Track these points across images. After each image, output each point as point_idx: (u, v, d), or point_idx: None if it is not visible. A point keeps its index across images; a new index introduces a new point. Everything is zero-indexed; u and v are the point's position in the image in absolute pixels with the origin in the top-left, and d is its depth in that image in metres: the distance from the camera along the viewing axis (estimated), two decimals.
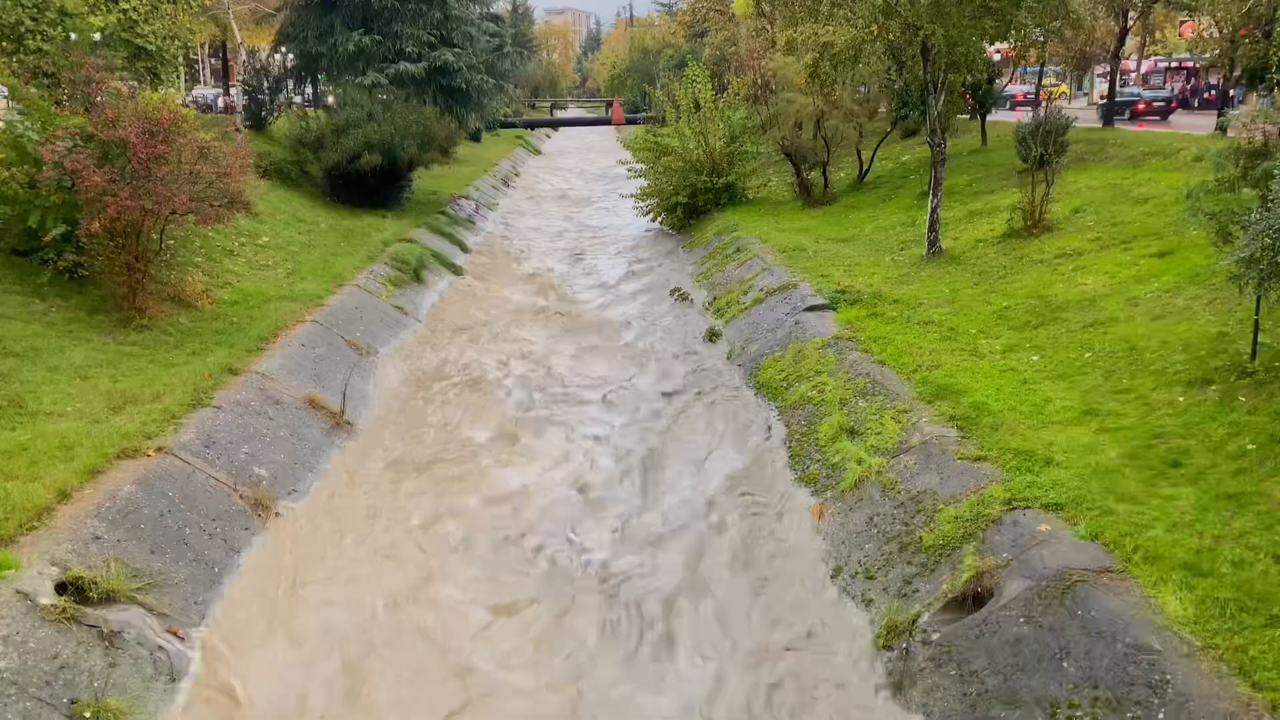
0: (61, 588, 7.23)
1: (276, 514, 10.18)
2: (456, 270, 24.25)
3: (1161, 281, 13.11)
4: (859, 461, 10.18)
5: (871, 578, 8.59)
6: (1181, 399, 9.72)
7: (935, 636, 7.36)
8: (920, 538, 8.46)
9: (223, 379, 12.05)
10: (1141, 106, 36.97)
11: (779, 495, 10.92)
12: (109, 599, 7.46)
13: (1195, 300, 12.08)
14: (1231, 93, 30.34)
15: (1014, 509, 8.06)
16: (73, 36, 17.15)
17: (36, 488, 8.25)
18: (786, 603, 8.96)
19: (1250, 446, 8.41)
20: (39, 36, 17.64)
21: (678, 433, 13.45)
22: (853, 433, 10.96)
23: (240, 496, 9.98)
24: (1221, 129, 18.93)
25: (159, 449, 9.73)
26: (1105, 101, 31.99)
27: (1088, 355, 11.52)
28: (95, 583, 7.41)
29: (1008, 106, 32.71)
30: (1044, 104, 35.83)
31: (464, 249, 27.34)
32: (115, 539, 8.17)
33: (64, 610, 6.95)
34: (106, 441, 9.44)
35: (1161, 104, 38.12)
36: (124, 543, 8.21)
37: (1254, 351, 9.75)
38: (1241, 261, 9.26)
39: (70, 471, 8.69)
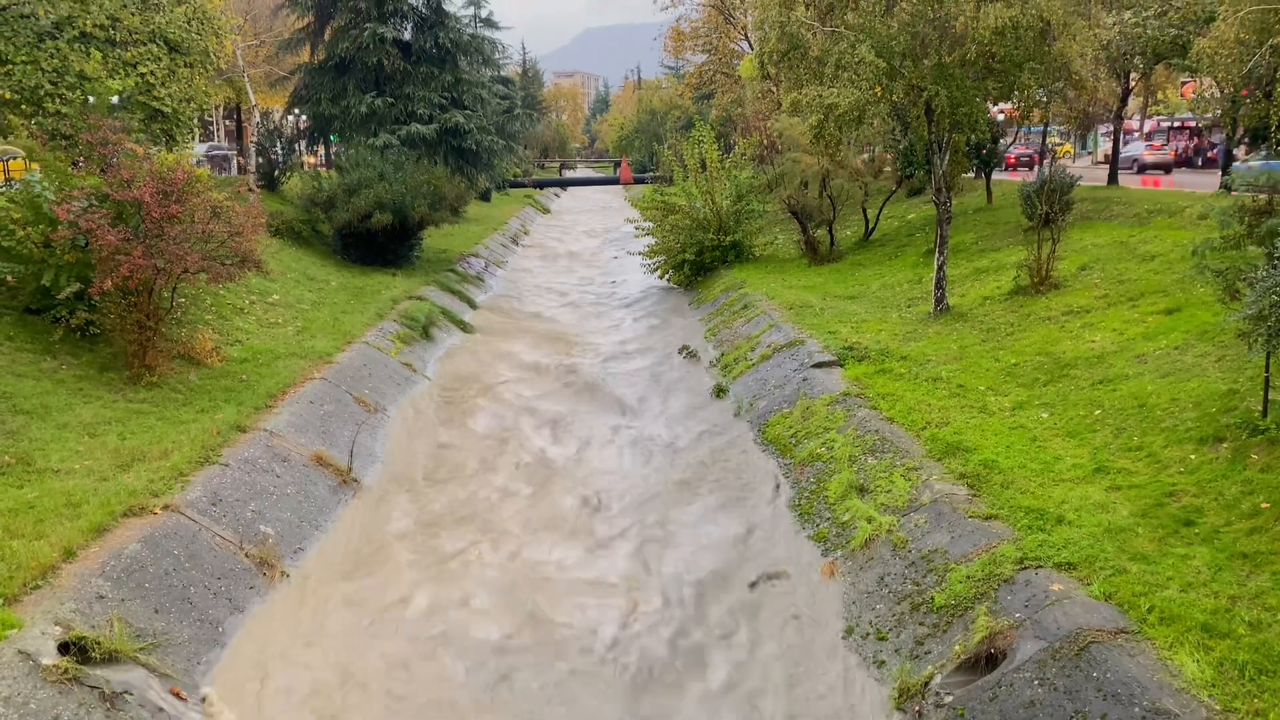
0: (64, 648, 7.17)
1: (282, 573, 10.12)
2: (465, 327, 24.37)
3: (1170, 338, 13.09)
4: (869, 520, 10.10)
5: (883, 638, 8.47)
6: (1193, 457, 9.65)
7: (949, 699, 7.22)
8: (932, 597, 8.36)
9: (231, 436, 12.06)
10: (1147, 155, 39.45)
11: (788, 554, 10.81)
12: (112, 659, 7.39)
13: (1204, 357, 12.04)
14: (1235, 151, 30.57)
15: (1026, 568, 7.96)
16: (91, 99, 17.49)
17: (42, 546, 8.23)
18: (798, 664, 8.82)
19: (1264, 505, 8.32)
20: (58, 100, 18.01)
21: (686, 489, 13.37)
22: (862, 490, 10.89)
23: (246, 555, 9.93)
24: (1226, 187, 19.06)
25: (165, 507, 9.71)
26: (1109, 160, 32.29)
27: (1097, 412, 11.47)
28: (98, 643, 7.34)
29: (1001, 167, 33.14)
30: (1049, 161, 36.17)
31: (473, 306, 27.50)
32: (119, 598, 8.12)
33: (66, 671, 6.88)
34: (113, 499, 9.43)
35: (1161, 169, 39.52)
36: (128, 602, 8.16)
37: (1265, 409, 9.69)
38: (1249, 318, 9.25)
39: (76, 529, 8.67)
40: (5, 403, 11.54)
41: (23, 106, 17.79)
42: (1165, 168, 39.95)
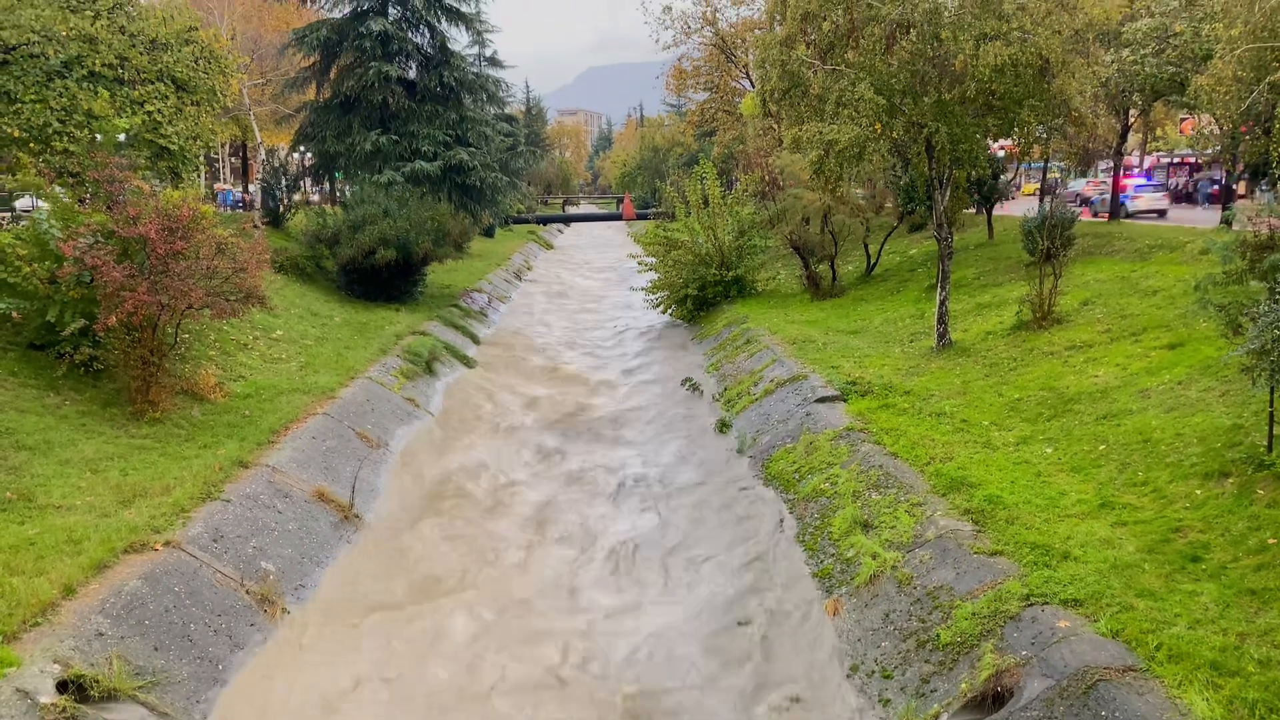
0: (63, 686, 7.11)
1: (283, 610, 10.05)
2: (468, 362, 24.39)
3: (1173, 373, 13.07)
4: (874, 556, 10.04)
5: (889, 676, 8.39)
6: (1199, 492, 9.60)
7: None
8: (938, 635, 8.28)
9: (233, 472, 12.04)
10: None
11: (792, 590, 10.73)
12: (110, 697, 7.33)
13: (1208, 392, 12.02)
14: (1234, 187, 30.73)
15: (1032, 605, 7.90)
16: (98, 137, 17.65)
17: (42, 583, 8.19)
18: (803, 702, 8.72)
19: (1271, 541, 8.26)
20: (66, 138, 18.17)
21: (689, 525, 13.31)
22: (866, 526, 10.83)
23: (247, 592, 9.87)
24: (1227, 222, 19.13)
25: (166, 543, 9.67)
26: (1111, 195, 32.46)
27: (1101, 447, 11.43)
28: (97, 681, 7.29)
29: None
30: (1052, 196, 36.34)
31: (475, 341, 27.55)
32: (119, 635, 8.06)
33: (64, 710, 6.82)
34: (114, 535, 9.40)
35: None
36: (127, 639, 8.10)
37: (1270, 444, 9.66)
38: (1253, 353, 9.25)
39: (76, 566, 8.63)
40: (8, 439, 11.54)
41: (31, 144, 17.94)
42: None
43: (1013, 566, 8.63)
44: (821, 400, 15.49)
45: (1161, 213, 34.92)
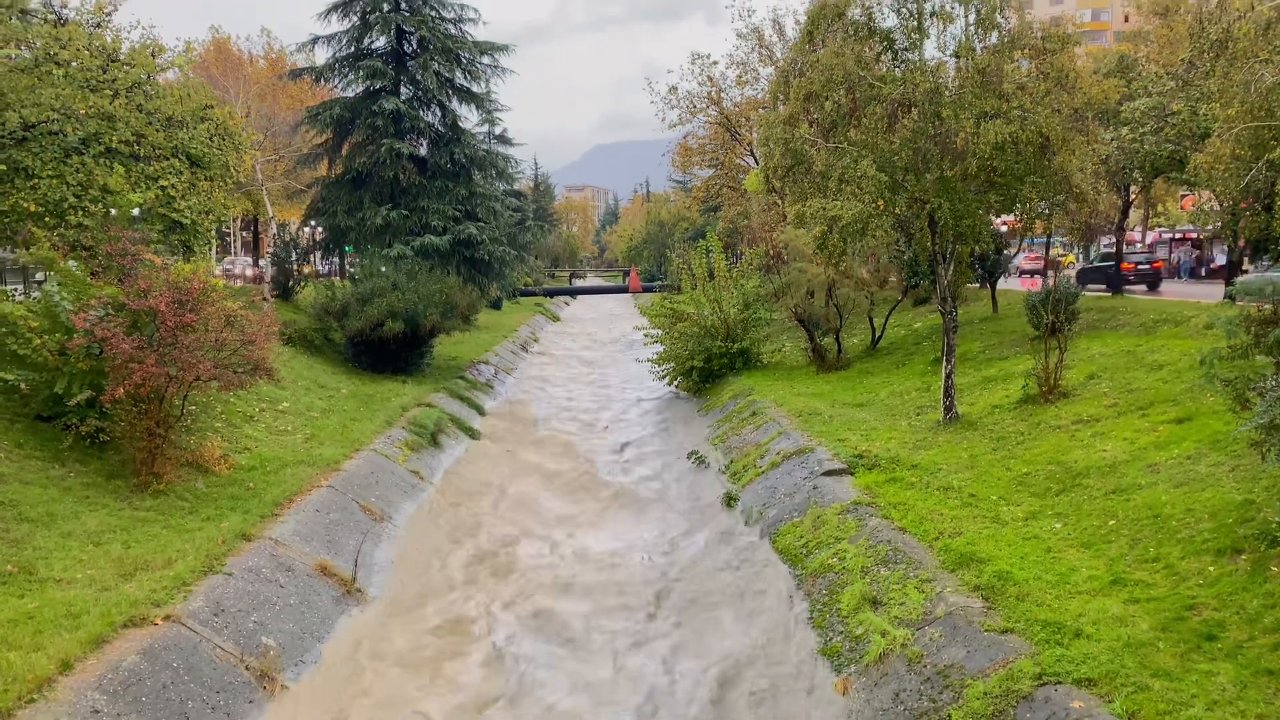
0: None
1: (282, 686, 9.89)
2: (473, 434, 24.36)
3: (1182, 448, 12.99)
4: (883, 634, 9.88)
5: None
6: (1212, 569, 9.46)
7: None
8: (949, 715, 8.11)
9: (235, 545, 11.96)
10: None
11: (801, 669, 10.55)
12: None
13: (1218, 467, 11.93)
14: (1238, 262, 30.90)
15: (1045, 684, 7.74)
16: (113, 212, 17.93)
17: (39, 658, 8.08)
18: None
19: None
20: (81, 212, 18.46)
21: (696, 603, 13.14)
22: (875, 603, 10.68)
23: (246, 668, 9.73)
24: (1230, 297, 19.19)
25: (166, 617, 9.56)
26: (1114, 270, 32.67)
27: (1111, 523, 11.31)
28: None
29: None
30: (1056, 271, 36.54)
31: (481, 412, 27.55)
32: (115, 712, 7.93)
33: None
34: (114, 609, 9.30)
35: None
36: (124, 716, 7.97)
37: None
38: (1261, 428, 9.21)
39: (75, 641, 8.53)
40: (11, 511, 11.50)
41: (46, 219, 18.22)
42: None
43: (1024, 644, 8.48)
44: (829, 473, 15.41)
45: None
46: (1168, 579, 9.54)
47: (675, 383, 30.78)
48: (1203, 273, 43.44)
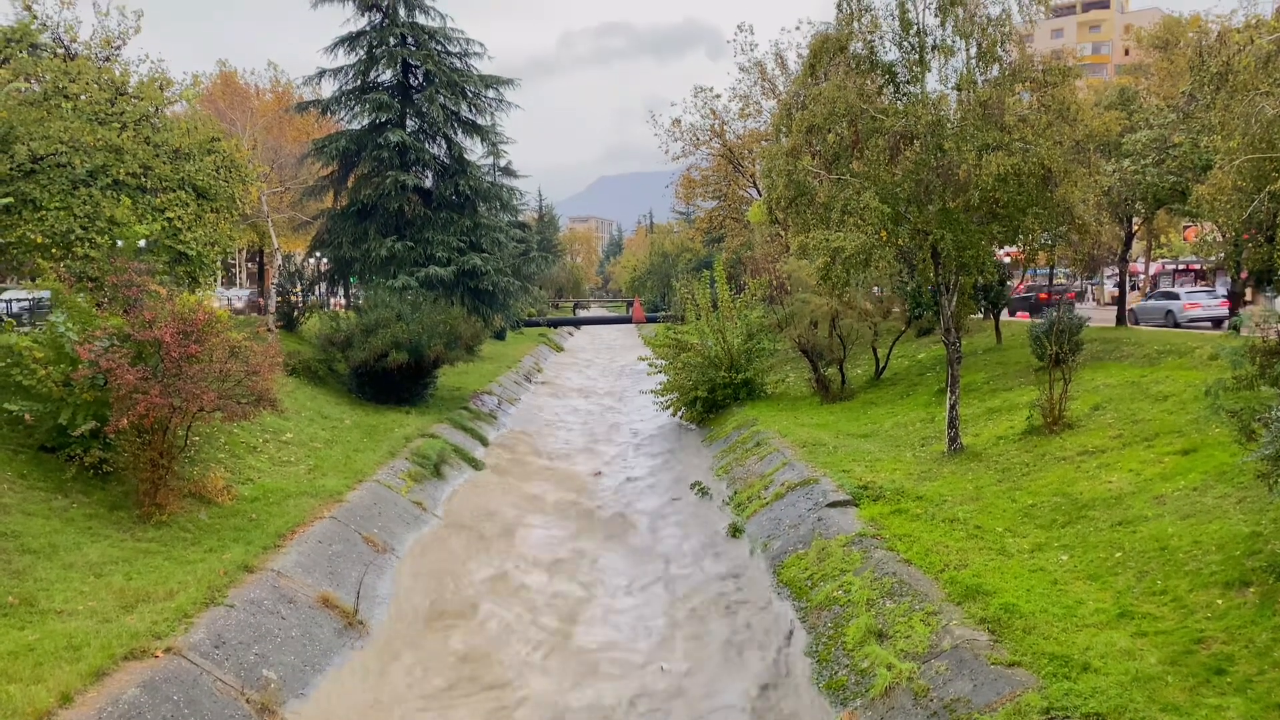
0: None
1: (283, 719, 9.81)
2: (476, 465, 24.31)
3: (1188, 479, 12.93)
4: (889, 667, 9.79)
5: None
6: (1220, 601, 9.39)
7: None
8: None
9: (237, 576, 11.90)
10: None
11: (806, 703, 10.44)
12: None
13: (1224, 498, 11.87)
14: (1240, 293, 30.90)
15: (1052, 718, 7.66)
16: (119, 243, 18.03)
17: (39, 691, 8.03)
18: None
19: None
20: (87, 244, 18.56)
21: (699, 638, 13.04)
22: (881, 635, 10.60)
23: (247, 700, 9.65)
24: (1234, 328, 19.17)
25: (167, 649, 9.50)
26: (1115, 302, 32.67)
27: (1118, 555, 11.24)
28: None
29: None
30: (1059, 302, 36.55)
31: (484, 443, 27.51)
32: None
33: None
34: (115, 641, 9.25)
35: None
36: None
37: None
38: (1267, 459, 9.17)
39: (75, 673, 8.47)
40: (13, 542, 11.47)
41: (53, 250, 18.32)
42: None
43: (1031, 678, 8.40)
44: (833, 505, 15.34)
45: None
46: (1175, 612, 9.46)
47: (679, 413, 30.76)
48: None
